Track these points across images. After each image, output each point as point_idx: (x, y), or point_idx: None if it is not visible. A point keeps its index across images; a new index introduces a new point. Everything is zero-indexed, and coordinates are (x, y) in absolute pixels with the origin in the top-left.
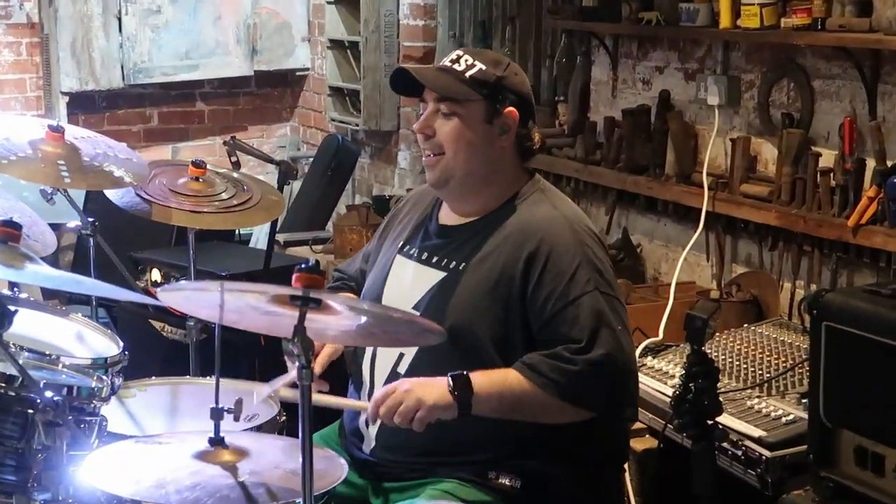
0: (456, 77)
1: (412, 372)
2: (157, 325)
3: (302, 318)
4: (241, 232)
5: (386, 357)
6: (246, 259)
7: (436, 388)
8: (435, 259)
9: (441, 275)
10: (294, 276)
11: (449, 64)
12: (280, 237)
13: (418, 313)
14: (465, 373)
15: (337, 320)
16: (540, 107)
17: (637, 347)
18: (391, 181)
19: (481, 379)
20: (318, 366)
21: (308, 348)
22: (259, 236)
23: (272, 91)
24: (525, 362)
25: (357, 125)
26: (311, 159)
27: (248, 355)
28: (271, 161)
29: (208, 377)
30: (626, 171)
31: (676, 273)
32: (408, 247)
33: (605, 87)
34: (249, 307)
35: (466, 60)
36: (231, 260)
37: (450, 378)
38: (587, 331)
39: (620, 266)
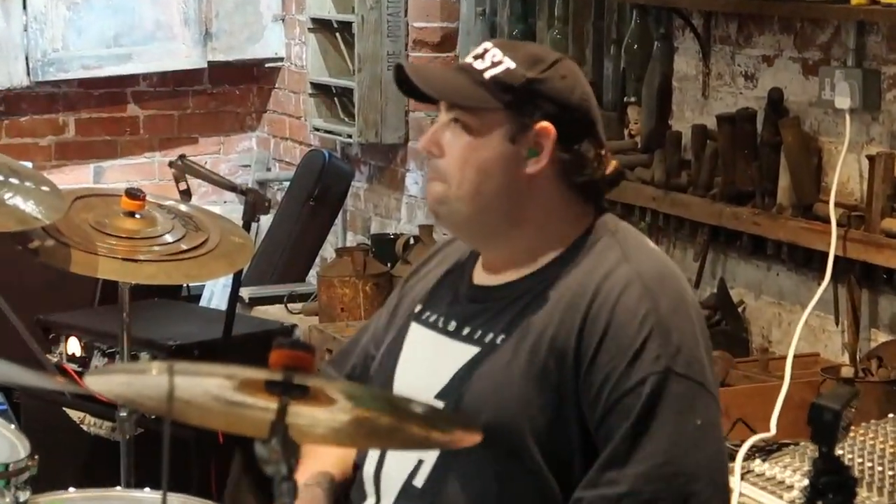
0: (471, 78)
1: (433, 485)
2: (76, 415)
3: (283, 412)
4: (191, 286)
5: (398, 465)
6: (198, 324)
7: None
8: (466, 330)
9: (473, 350)
10: (272, 354)
11: (470, 60)
12: (244, 292)
13: (442, 403)
14: None
15: (331, 414)
16: (602, 111)
17: (741, 447)
18: (397, 214)
19: None
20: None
21: (291, 453)
22: (214, 290)
23: (232, 90)
24: None
25: (350, 136)
26: (287, 184)
27: (201, 458)
28: (234, 189)
29: (146, 489)
30: (724, 199)
31: (794, 342)
32: (428, 312)
33: (693, 83)
34: (209, 396)
35: (493, 56)
36: (178, 325)
37: None
38: (637, 428)
39: (715, 332)
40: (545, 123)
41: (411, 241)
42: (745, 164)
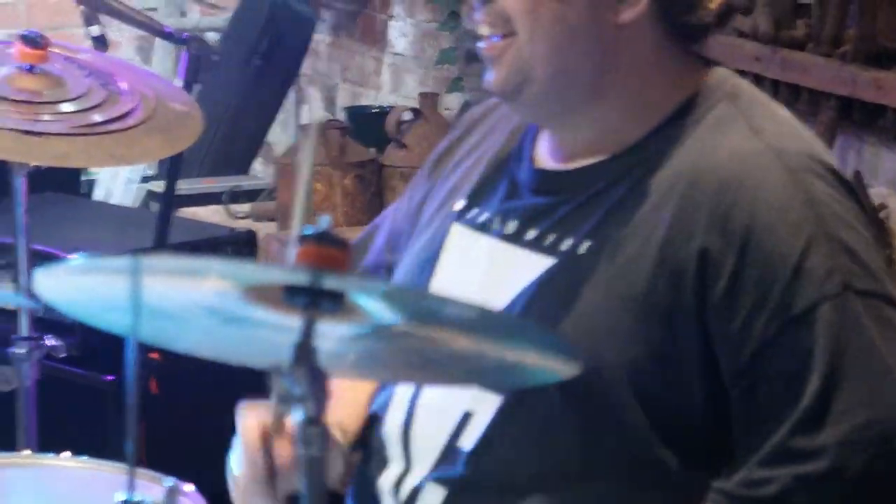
0: None
1: (488, 448)
2: None
3: (310, 330)
4: (82, 178)
5: (436, 419)
6: (108, 227)
7: None
8: (532, 233)
9: (545, 262)
10: (301, 251)
11: None
12: (158, 187)
13: None
14: None
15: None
16: None
17: None
18: (375, 81)
19: None
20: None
21: (319, 387)
22: (111, 183)
23: None
24: (723, 490)
25: None
26: (220, 36)
27: (117, 411)
28: (168, 36)
29: (62, 454)
30: (860, 59)
31: None
32: (476, 210)
33: None
34: (199, 308)
35: None
36: (85, 230)
37: None
38: (826, 377)
39: None
40: None
41: (407, 117)
42: (891, 6)
